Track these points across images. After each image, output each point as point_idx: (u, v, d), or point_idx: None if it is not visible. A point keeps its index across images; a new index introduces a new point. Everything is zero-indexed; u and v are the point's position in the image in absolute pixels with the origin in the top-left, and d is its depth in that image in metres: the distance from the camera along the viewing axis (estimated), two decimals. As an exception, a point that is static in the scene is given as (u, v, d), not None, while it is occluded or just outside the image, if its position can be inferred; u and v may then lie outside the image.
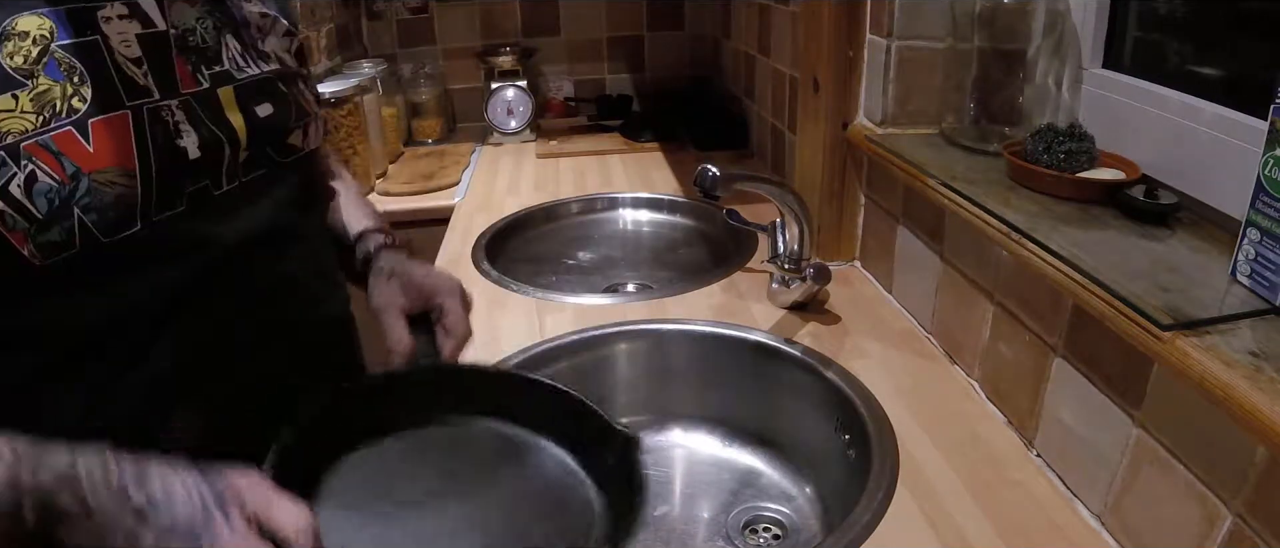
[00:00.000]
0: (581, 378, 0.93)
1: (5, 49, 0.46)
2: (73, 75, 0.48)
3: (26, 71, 0.46)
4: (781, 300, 0.98)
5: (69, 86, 0.47)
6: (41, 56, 0.46)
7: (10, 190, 0.45)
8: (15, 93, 0.45)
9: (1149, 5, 0.80)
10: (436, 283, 0.71)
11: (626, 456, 0.57)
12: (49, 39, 0.47)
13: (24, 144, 0.45)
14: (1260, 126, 0.53)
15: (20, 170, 0.45)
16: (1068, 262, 0.60)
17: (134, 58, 0.51)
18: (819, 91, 1.02)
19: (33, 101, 0.46)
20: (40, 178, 0.46)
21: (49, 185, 0.46)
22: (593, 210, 1.43)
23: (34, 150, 0.46)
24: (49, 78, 0.47)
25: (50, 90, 0.47)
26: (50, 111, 0.47)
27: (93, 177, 0.48)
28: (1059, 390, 0.67)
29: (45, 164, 0.46)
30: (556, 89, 2.00)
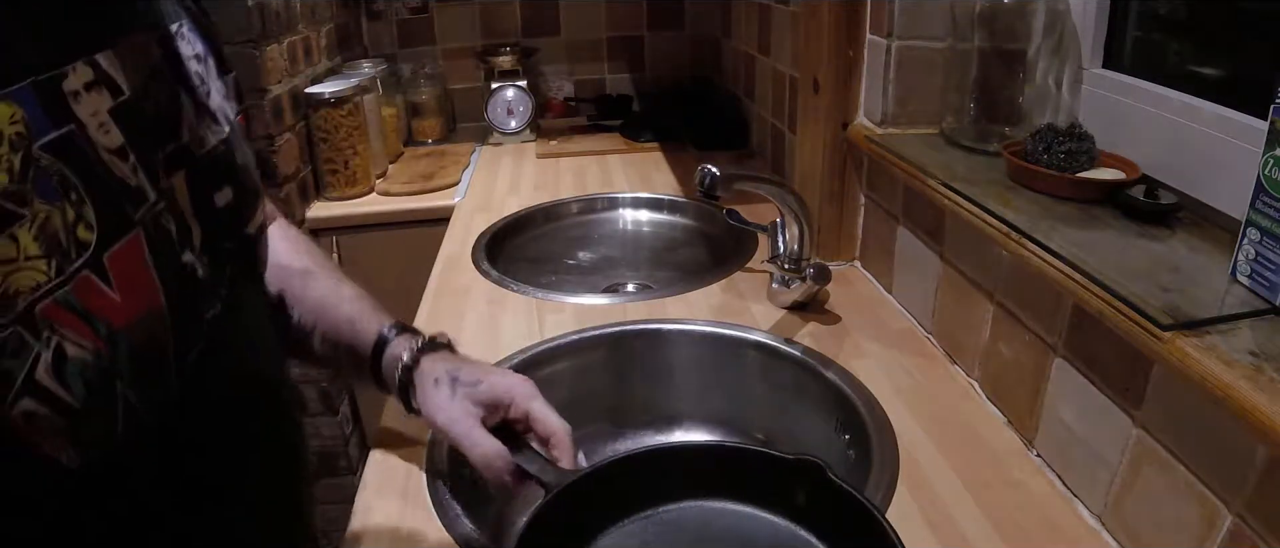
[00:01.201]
0: (582, 378, 0.93)
1: None
2: (68, 192, 0.34)
3: (17, 195, 0.31)
4: (781, 300, 0.98)
5: (69, 209, 0.33)
6: (26, 168, 0.32)
7: (37, 378, 0.32)
8: (14, 232, 0.31)
9: (1149, 5, 0.80)
10: (511, 387, 0.63)
11: (817, 483, 0.56)
12: (27, 138, 0.32)
13: (40, 307, 0.32)
14: (1260, 127, 0.53)
15: (45, 347, 0.32)
16: (1068, 262, 0.60)
17: (116, 148, 0.37)
18: (819, 91, 1.02)
19: (37, 241, 0.32)
20: (70, 352, 0.33)
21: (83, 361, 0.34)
22: (593, 210, 1.43)
23: (54, 313, 0.33)
24: (44, 201, 0.32)
25: (51, 219, 0.33)
26: (60, 253, 0.33)
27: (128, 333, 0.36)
28: (1059, 390, 0.67)
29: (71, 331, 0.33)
30: (556, 89, 2.00)
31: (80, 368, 0.34)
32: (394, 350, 0.65)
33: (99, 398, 0.35)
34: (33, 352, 0.32)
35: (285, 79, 1.41)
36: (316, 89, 1.44)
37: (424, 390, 0.63)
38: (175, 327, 0.39)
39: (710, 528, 0.60)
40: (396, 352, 0.65)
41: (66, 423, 0.34)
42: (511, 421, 0.63)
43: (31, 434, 0.33)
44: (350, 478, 1.57)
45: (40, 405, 0.33)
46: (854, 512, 0.54)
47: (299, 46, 1.50)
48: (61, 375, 0.33)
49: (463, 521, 0.65)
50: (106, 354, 0.35)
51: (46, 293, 0.32)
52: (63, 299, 0.33)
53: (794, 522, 0.60)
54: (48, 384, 0.33)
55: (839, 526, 0.56)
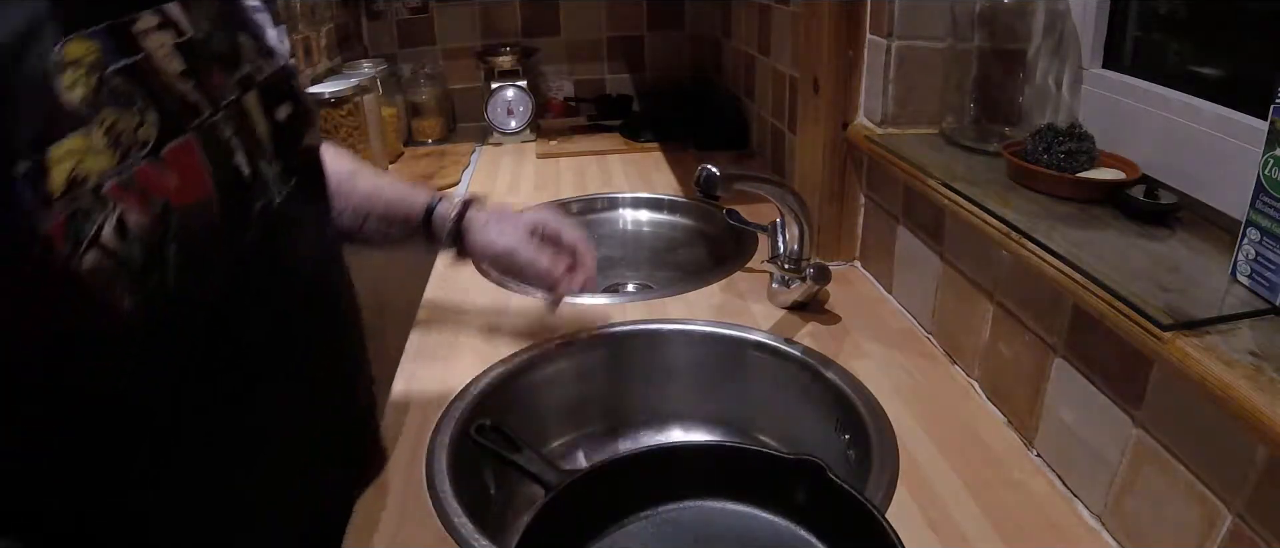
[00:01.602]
0: (582, 378, 0.93)
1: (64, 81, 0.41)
2: (134, 102, 0.44)
3: (92, 103, 0.42)
4: (781, 300, 0.98)
5: (134, 115, 0.44)
6: (100, 86, 0.42)
7: (103, 240, 0.41)
8: (86, 129, 0.41)
9: (1149, 5, 0.80)
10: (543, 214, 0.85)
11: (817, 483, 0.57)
12: (101, 63, 0.43)
13: (107, 186, 0.41)
14: (1260, 127, 0.53)
15: (110, 214, 0.42)
16: (1068, 262, 0.60)
17: (179, 72, 0.48)
18: (819, 92, 1.02)
19: (106, 136, 0.42)
20: (130, 220, 0.42)
21: (141, 225, 0.43)
22: (593, 210, 1.43)
23: (118, 192, 0.42)
24: (113, 109, 0.43)
25: (118, 122, 0.43)
26: (124, 145, 0.43)
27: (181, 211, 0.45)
28: (1059, 390, 0.67)
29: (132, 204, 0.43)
30: (556, 89, 2.00)
31: (139, 233, 0.43)
32: (443, 210, 0.83)
33: (153, 258, 0.44)
34: (99, 219, 0.41)
35: (285, 79, 1.41)
36: (316, 89, 1.44)
37: (476, 230, 0.81)
38: (223, 213, 0.48)
39: (710, 528, 0.60)
40: (445, 211, 0.83)
41: (125, 275, 0.43)
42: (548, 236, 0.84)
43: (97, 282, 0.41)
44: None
45: (104, 259, 0.41)
46: (854, 512, 0.54)
47: (299, 46, 1.50)
48: (123, 237, 0.42)
49: (463, 521, 0.65)
50: (160, 225, 0.44)
51: (112, 175, 0.42)
52: (125, 181, 0.42)
53: (794, 522, 0.60)
54: (111, 244, 0.42)
55: (839, 526, 0.56)
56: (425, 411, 0.80)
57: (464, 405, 0.80)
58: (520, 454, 0.63)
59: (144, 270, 0.43)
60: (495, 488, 0.80)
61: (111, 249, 0.42)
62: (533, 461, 0.62)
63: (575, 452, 0.92)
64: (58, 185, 0.39)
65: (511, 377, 0.87)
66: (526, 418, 0.87)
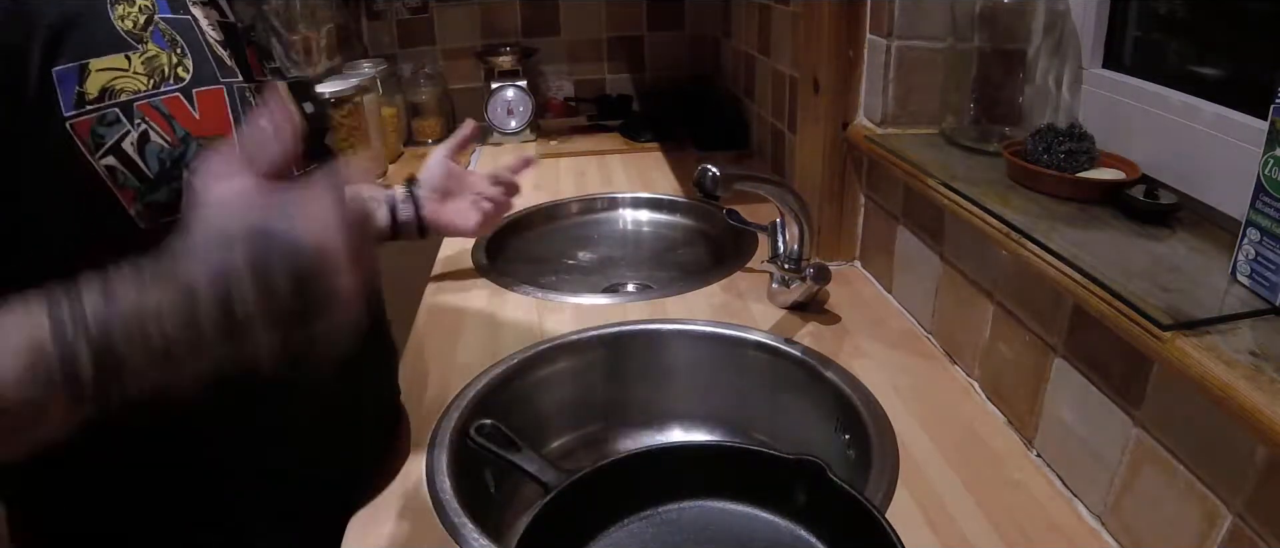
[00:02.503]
0: (582, 378, 0.93)
1: (117, 11, 0.47)
2: (175, 46, 0.50)
3: (137, 36, 0.48)
4: (781, 300, 0.98)
5: (174, 56, 0.50)
6: (148, 25, 0.49)
7: (124, 147, 0.47)
8: (129, 54, 0.47)
9: (1149, 5, 0.80)
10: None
11: (818, 483, 0.57)
12: (153, 9, 0.49)
13: (137, 104, 0.47)
14: (1260, 126, 0.53)
15: (134, 129, 0.47)
16: (1068, 262, 0.60)
17: (219, 40, 0.54)
18: (819, 92, 1.01)
19: (144, 64, 0.48)
20: (152, 138, 0.48)
21: (160, 146, 0.48)
22: (593, 210, 1.43)
23: (146, 111, 0.48)
24: (156, 45, 0.49)
25: (158, 57, 0.49)
26: (159, 76, 0.49)
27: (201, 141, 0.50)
28: (1059, 390, 0.67)
29: (157, 125, 0.48)
30: (556, 89, 2.00)
31: (157, 151, 0.48)
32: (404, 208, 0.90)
33: (167, 176, 0.48)
34: (123, 129, 0.47)
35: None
36: (316, 89, 1.44)
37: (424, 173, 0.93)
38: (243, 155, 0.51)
39: (710, 528, 0.60)
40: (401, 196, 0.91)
41: (139, 184, 0.47)
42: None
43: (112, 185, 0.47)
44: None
45: (120, 165, 0.47)
46: (854, 512, 0.54)
47: (299, 46, 1.50)
48: (143, 151, 0.47)
49: (463, 521, 0.65)
50: (179, 149, 0.49)
51: (143, 96, 0.48)
52: (154, 103, 0.48)
53: (794, 522, 0.60)
54: (130, 153, 0.47)
55: (839, 526, 0.56)
56: (425, 411, 0.80)
57: (464, 405, 0.80)
58: (520, 454, 0.63)
59: (156, 185, 0.48)
60: (495, 488, 0.80)
61: (129, 157, 0.47)
62: (533, 461, 0.62)
63: (575, 452, 0.92)
64: (92, 91, 0.45)
65: (511, 377, 0.87)
66: (526, 418, 0.87)
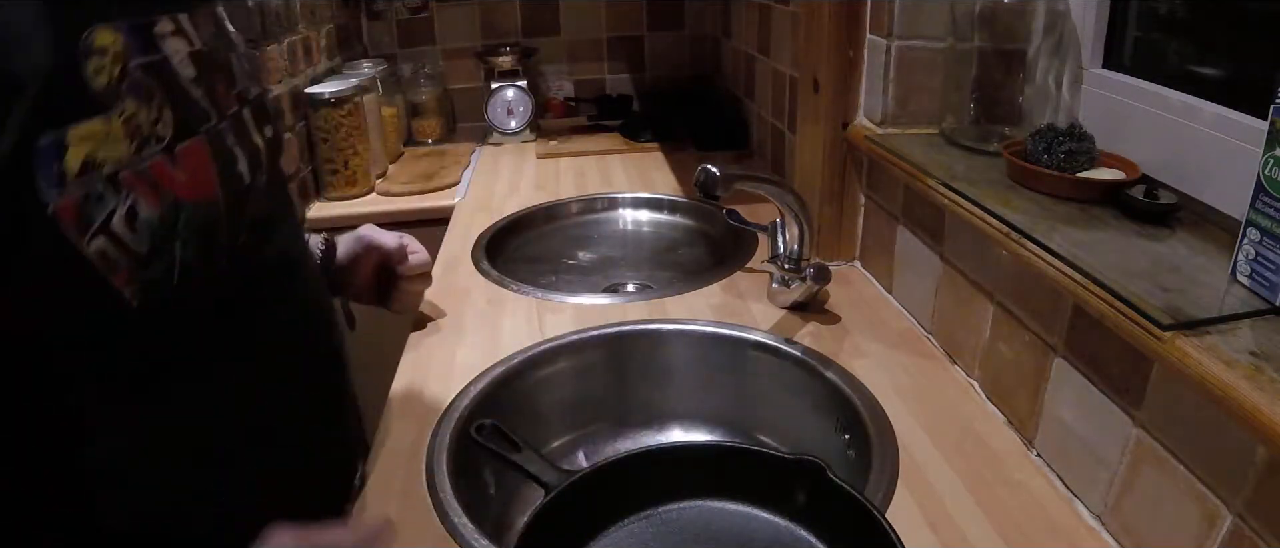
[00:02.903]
0: (582, 378, 0.93)
1: (90, 66, 0.41)
2: (152, 99, 0.45)
3: (112, 93, 0.42)
4: (781, 300, 0.98)
5: (151, 110, 0.45)
6: (123, 77, 0.43)
7: (113, 227, 0.42)
8: (107, 116, 0.42)
9: (1149, 5, 0.80)
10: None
11: (817, 483, 0.57)
12: (125, 57, 0.43)
13: (122, 174, 0.42)
14: (1260, 126, 0.53)
15: (121, 203, 0.42)
16: (1068, 262, 0.60)
17: (191, 78, 0.49)
18: (819, 91, 1.02)
19: (124, 127, 0.43)
20: (141, 211, 0.43)
21: (150, 219, 0.44)
22: (593, 210, 1.43)
23: (131, 181, 0.43)
24: (134, 100, 0.44)
25: (137, 115, 0.44)
26: (140, 138, 0.44)
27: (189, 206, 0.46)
28: (1059, 390, 0.67)
29: (144, 195, 0.43)
30: (556, 89, 2.00)
31: (148, 224, 0.44)
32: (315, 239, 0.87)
33: (160, 251, 0.44)
34: (111, 205, 0.42)
35: (285, 79, 1.41)
36: (316, 89, 1.44)
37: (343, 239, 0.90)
38: (227, 214, 0.50)
39: (710, 528, 0.60)
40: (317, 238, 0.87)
41: (131, 264, 0.43)
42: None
43: (104, 269, 0.42)
44: (350, 478, 1.57)
45: (112, 246, 0.42)
46: (854, 512, 0.54)
47: (299, 46, 1.50)
48: (133, 226, 0.43)
49: (463, 520, 0.65)
50: (169, 218, 0.45)
51: (127, 164, 0.43)
52: (140, 171, 0.43)
53: (794, 522, 0.60)
54: (120, 232, 0.42)
55: (839, 526, 0.56)
56: (425, 411, 0.80)
57: (464, 405, 0.80)
58: (520, 454, 0.63)
59: (148, 262, 0.44)
60: (495, 488, 0.80)
61: (119, 237, 0.42)
62: (533, 461, 0.62)
63: (575, 452, 0.92)
64: (73, 166, 0.40)
65: (511, 377, 0.87)
66: (526, 418, 0.87)
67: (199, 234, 0.47)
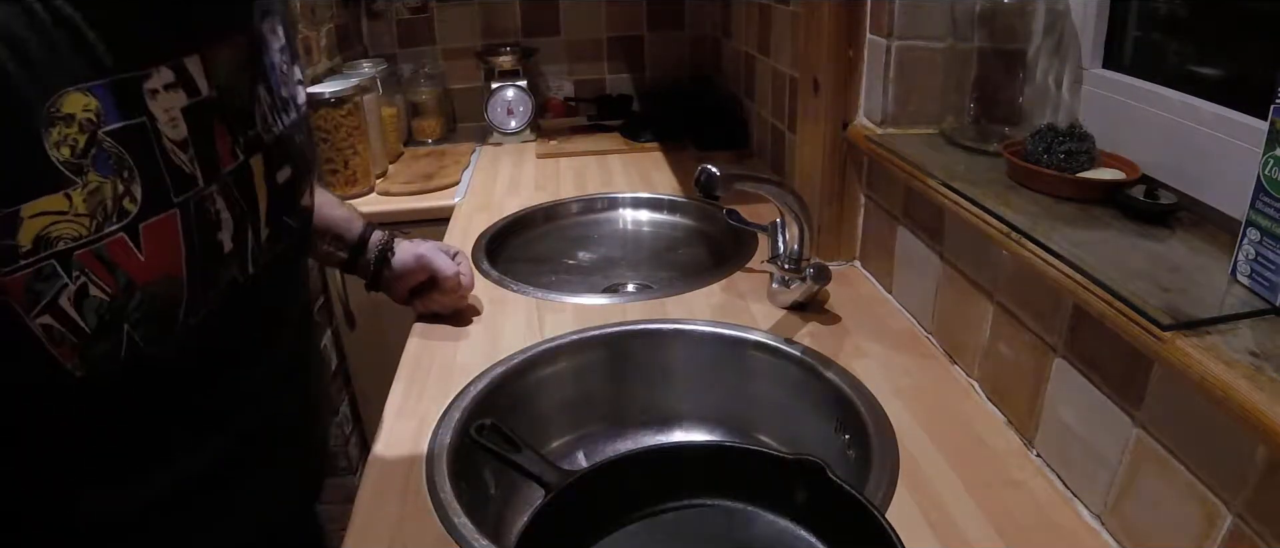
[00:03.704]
0: (582, 378, 0.93)
1: (51, 137, 0.38)
2: (122, 171, 0.42)
3: (75, 166, 0.39)
4: (781, 300, 0.98)
5: (119, 184, 0.41)
6: (89, 147, 0.40)
7: (60, 304, 0.40)
8: (68, 192, 0.39)
9: (1149, 5, 0.80)
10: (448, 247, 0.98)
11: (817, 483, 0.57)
12: (96, 123, 0.40)
13: (77, 253, 0.40)
14: (1260, 126, 0.53)
15: (72, 283, 0.40)
16: (1068, 262, 0.60)
17: (180, 140, 0.45)
18: (819, 91, 1.01)
19: (86, 202, 0.40)
20: (91, 291, 0.41)
21: (100, 300, 0.42)
22: (593, 210, 1.43)
23: (86, 260, 0.41)
24: (98, 174, 0.40)
25: (101, 189, 0.41)
26: (102, 215, 0.41)
27: (144, 288, 0.44)
28: (1059, 390, 0.67)
29: (97, 276, 0.41)
30: (556, 89, 2.00)
31: (96, 305, 0.42)
32: (377, 237, 0.94)
33: (107, 331, 0.42)
34: (61, 283, 0.40)
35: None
36: (316, 89, 1.44)
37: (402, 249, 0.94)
38: (189, 289, 0.47)
39: (710, 528, 0.60)
40: (378, 237, 0.94)
41: (77, 342, 0.42)
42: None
43: (49, 344, 0.41)
44: (350, 478, 1.57)
45: (57, 323, 0.41)
46: (854, 512, 0.54)
47: (299, 46, 1.50)
48: (80, 307, 0.41)
49: (463, 521, 0.65)
50: (120, 300, 0.43)
51: (83, 243, 0.40)
52: (97, 251, 0.41)
53: (794, 522, 0.60)
54: (67, 310, 0.41)
55: (839, 526, 0.56)
56: (425, 411, 0.80)
57: (464, 405, 0.80)
58: (520, 454, 0.63)
59: (94, 340, 0.42)
60: (495, 488, 0.80)
61: (67, 315, 0.41)
62: (533, 461, 0.62)
63: (575, 452, 0.92)
64: (25, 243, 0.38)
65: (511, 377, 0.87)
66: (526, 418, 0.87)
67: (154, 315, 0.45)
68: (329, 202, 0.91)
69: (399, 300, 0.98)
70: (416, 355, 0.92)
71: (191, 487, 0.53)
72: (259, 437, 0.59)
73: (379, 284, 0.95)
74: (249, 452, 0.58)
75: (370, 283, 0.95)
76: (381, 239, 0.93)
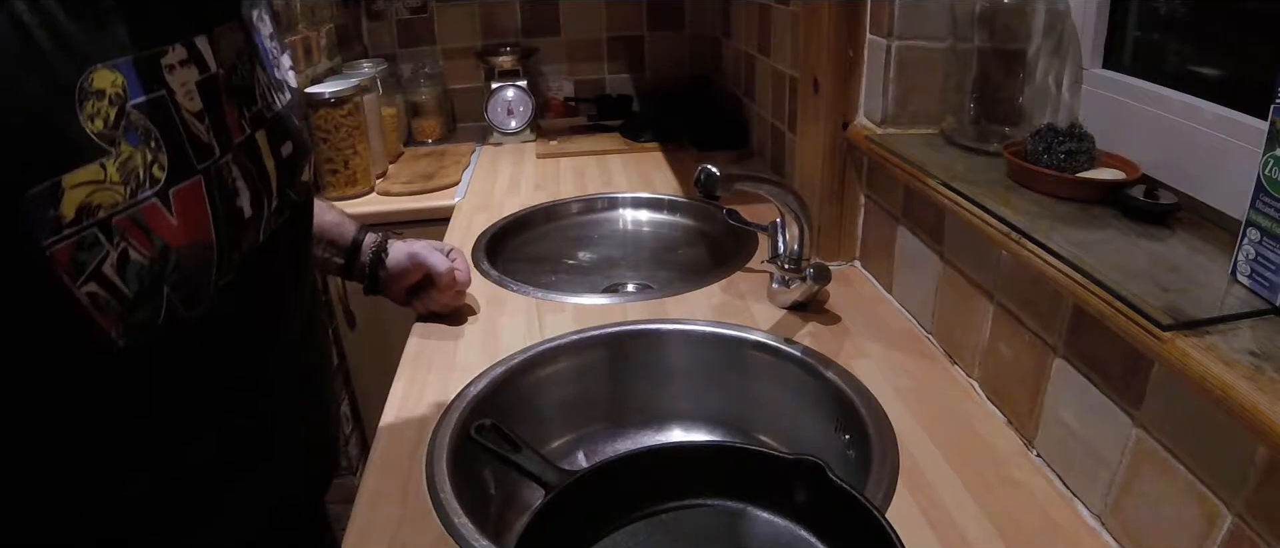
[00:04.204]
0: (582, 378, 0.93)
1: (86, 110, 0.41)
2: (149, 140, 0.44)
3: (109, 137, 0.42)
4: (781, 300, 0.98)
5: (148, 152, 0.44)
6: (119, 119, 0.43)
7: (104, 271, 0.42)
8: (103, 162, 0.42)
9: (1149, 5, 0.80)
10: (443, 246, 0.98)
11: (817, 483, 0.57)
12: (123, 97, 0.43)
13: (115, 219, 0.42)
14: (1260, 126, 0.53)
15: (113, 248, 0.42)
16: (1068, 262, 0.60)
17: (196, 111, 0.48)
18: (819, 91, 1.02)
19: (119, 171, 0.42)
20: (132, 256, 0.43)
21: (140, 265, 0.44)
22: (593, 210, 1.43)
23: (125, 226, 0.43)
24: (129, 144, 0.43)
25: (133, 158, 0.43)
26: (135, 182, 0.43)
27: (179, 252, 0.46)
28: (1059, 390, 0.67)
29: (136, 241, 0.43)
30: (556, 89, 2.00)
31: (137, 269, 0.44)
32: (370, 239, 0.95)
33: (148, 296, 0.44)
34: (103, 250, 0.42)
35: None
36: (316, 89, 1.44)
37: (396, 249, 0.94)
38: (219, 254, 0.49)
39: (710, 528, 0.60)
40: (372, 239, 0.95)
41: (120, 308, 0.43)
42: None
43: (93, 313, 0.42)
44: (350, 478, 1.57)
45: (102, 290, 0.42)
46: (854, 512, 0.54)
47: (299, 46, 1.50)
48: (123, 272, 0.43)
49: (463, 521, 0.65)
50: (159, 265, 0.45)
51: (121, 210, 0.43)
52: (133, 216, 0.43)
53: (794, 522, 0.60)
54: (111, 276, 0.42)
55: (839, 526, 0.56)
56: (425, 411, 0.80)
57: (464, 405, 0.80)
58: (520, 454, 0.63)
59: (137, 305, 0.44)
60: (495, 488, 0.80)
61: (111, 282, 0.42)
62: (533, 461, 0.62)
63: (575, 452, 0.92)
64: (68, 213, 0.40)
65: (511, 377, 0.87)
66: (526, 418, 0.87)
67: (189, 278, 0.47)
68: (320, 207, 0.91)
69: (398, 301, 0.98)
70: (416, 355, 0.92)
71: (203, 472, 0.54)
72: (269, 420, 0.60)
73: (377, 286, 0.95)
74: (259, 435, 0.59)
75: (368, 286, 0.95)
76: (375, 241, 0.94)
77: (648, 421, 0.95)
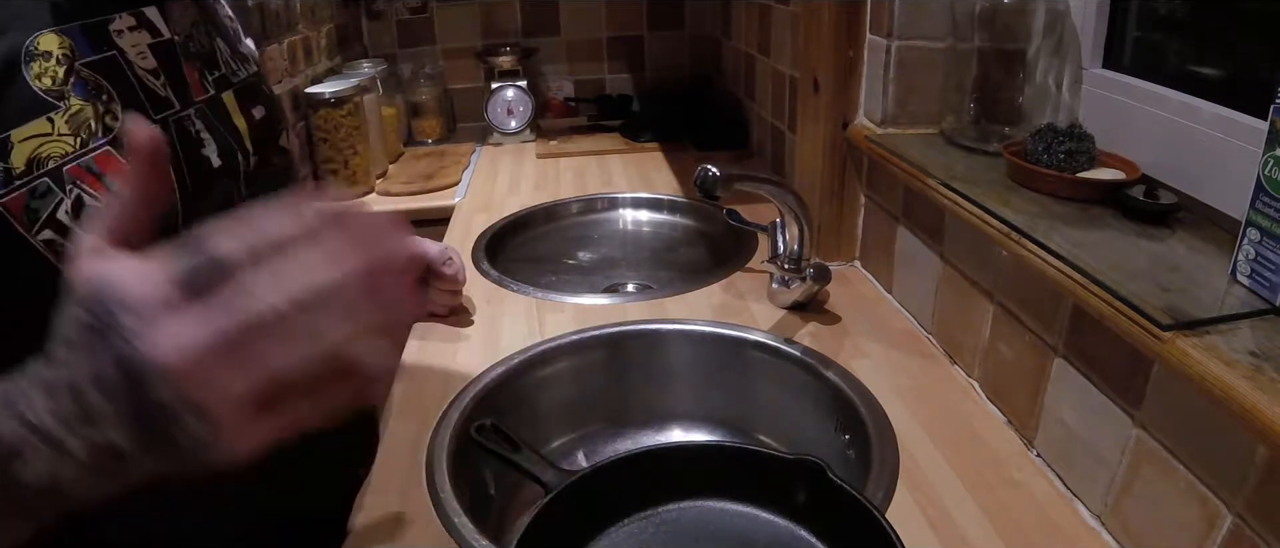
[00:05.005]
0: (582, 378, 0.93)
1: (32, 70, 0.44)
2: (101, 94, 0.47)
3: (57, 93, 0.45)
4: (781, 300, 0.98)
5: (100, 105, 0.47)
6: (68, 76, 0.46)
7: (58, 216, 0.44)
8: (50, 116, 0.44)
9: (1149, 5, 0.80)
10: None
11: (817, 483, 0.57)
12: (72, 57, 0.46)
13: (66, 168, 0.45)
14: (1260, 126, 0.53)
15: (66, 195, 0.45)
16: (1068, 262, 0.60)
17: (151, 69, 0.51)
18: (819, 91, 1.02)
19: (68, 124, 0.45)
20: (86, 201, 0.45)
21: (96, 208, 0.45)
22: (593, 210, 1.43)
23: (77, 173, 0.45)
24: (79, 98, 0.46)
25: (82, 111, 0.46)
26: (86, 133, 0.46)
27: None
28: (1059, 390, 0.67)
29: (90, 187, 0.46)
30: (556, 89, 2.00)
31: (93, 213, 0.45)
32: None
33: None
34: (56, 198, 0.44)
35: (285, 79, 1.41)
36: (316, 89, 1.44)
37: None
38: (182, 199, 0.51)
39: (710, 528, 0.60)
40: None
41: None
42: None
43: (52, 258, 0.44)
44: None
45: (58, 236, 0.44)
46: (854, 512, 0.54)
47: (299, 46, 1.50)
48: (78, 216, 0.45)
49: (463, 521, 0.65)
50: None
51: (71, 159, 0.45)
52: (85, 164, 0.46)
53: (794, 522, 0.60)
54: (66, 222, 0.44)
55: (839, 526, 0.56)
56: (425, 411, 0.80)
57: (464, 405, 0.80)
58: (520, 454, 0.63)
59: None
60: (495, 488, 0.80)
61: (66, 227, 0.44)
62: (533, 461, 0.62)
63: (575, 452, 0.92)
64: (18, 165, 0.43)
65: (511, 377, 0.87)
66: (526, 418, 0.87)
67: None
68: None
69: None
70: (416, 355, 0.92)
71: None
72: None
73: None
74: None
75: None
76: None
77: (648, 421, 0.95)
